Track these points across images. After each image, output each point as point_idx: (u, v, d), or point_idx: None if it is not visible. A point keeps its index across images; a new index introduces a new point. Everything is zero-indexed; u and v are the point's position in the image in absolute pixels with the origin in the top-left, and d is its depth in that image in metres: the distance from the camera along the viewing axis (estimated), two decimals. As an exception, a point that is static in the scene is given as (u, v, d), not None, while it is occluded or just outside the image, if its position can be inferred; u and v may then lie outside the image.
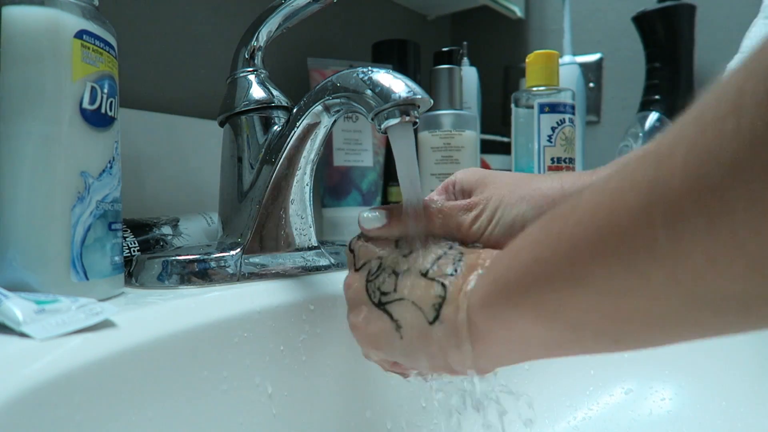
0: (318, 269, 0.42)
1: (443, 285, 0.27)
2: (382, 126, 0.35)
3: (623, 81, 0.90)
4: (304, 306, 0.37)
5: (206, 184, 0.58)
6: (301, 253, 0.41)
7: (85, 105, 0.30)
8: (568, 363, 0.51)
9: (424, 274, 0.28)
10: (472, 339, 0.25)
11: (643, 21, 0.81)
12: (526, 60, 0.63)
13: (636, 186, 0.16)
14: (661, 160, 0.15)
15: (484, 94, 0.84)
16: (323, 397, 0.37)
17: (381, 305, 0.29)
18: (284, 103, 0.41)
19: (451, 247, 0.30)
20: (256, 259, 0.39)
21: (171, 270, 0.37)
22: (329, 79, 0.37)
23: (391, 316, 0.28)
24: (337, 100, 0.37)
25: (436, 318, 0.26)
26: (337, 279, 0.41)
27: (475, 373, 0.26)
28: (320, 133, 0.40)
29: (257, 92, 0.41)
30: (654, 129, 0.78)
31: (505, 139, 0.83)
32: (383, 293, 0.29)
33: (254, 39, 0.41)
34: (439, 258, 0.28)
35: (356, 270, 0.32)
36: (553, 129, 0.61)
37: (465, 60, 0.79)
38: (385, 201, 0.72)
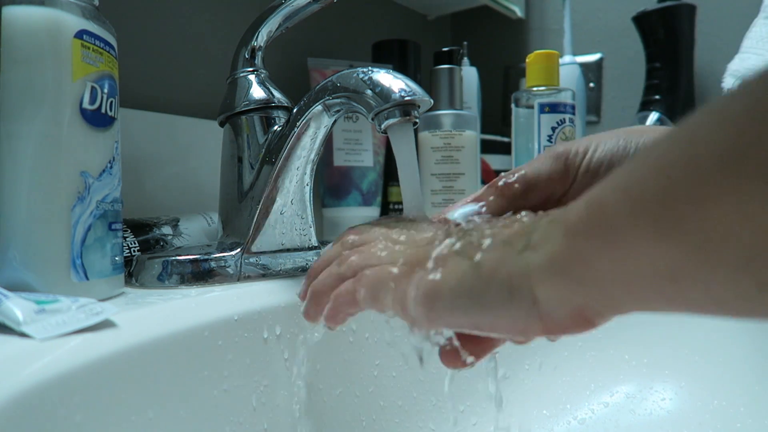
0: (318, 269, 0.42)
1: (537, 216, 0.21)
2: (383, 126, 0.35)
3: (623, 81, 0.90)
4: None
5: (206, 184, 0.58)
6: (301, 253, 0.41)
7: (85, 105, 0.30)
8: (569, 363, 0.51)
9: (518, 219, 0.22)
10: (565, 260, 0.18)
11: (643, 21, 0.81)
12: (526, 60, 0.63)
13: None
14: None
15: (484, 94, 0.84)
16: (324, 397, 0.37)
17: (461, 253, 0.22)
18: (284, 103, 0.41)
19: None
20: (256, 259, 0.39)
21: (171, 270, 0.37)
22: (329, 79, 0.37)
23: (471, 257, 0.22)
24: (338, 100, 0.37)
25: (526, 246, 0.20)
26: (337, 279, 0.41)
27: (558, 318, 0.19)
28: (320, 133, 0.40)
29: (257, 92, 0.41)
30: (654, 129, 0.77)
31: (505, 139, 0.83)
32: (467, 241, 0.22)
33: (254, 39, 0.41)
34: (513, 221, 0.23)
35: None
36: (553, 129, 0.61)
37: (465, 60, 0.79)
38: (385, 201, 0.72)
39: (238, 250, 0.39)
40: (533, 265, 0.19)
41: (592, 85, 0.92)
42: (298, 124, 0.38)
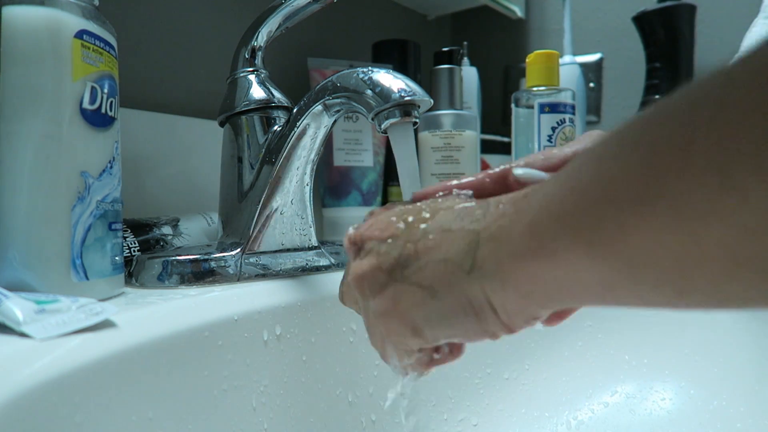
0: (318, 269, 0.42)
1: (472, 230, 0.23)
2: (383, 126, 0.35)
3: (623, 81, 0.90)
4: (304, 306, 0.37)
5: (206, 184, 0.58)
6: (301, 253, 0.41)
7: (85, 105, 0.30)
8: (569, 363, 0.51)
9: (447, 230, 0.24)
10: (516, 279, 0.21)
11: (643, 21, 0.81)
12: (526, 60, 0.63)
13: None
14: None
15: (484, 94, 0.84)
16: (323, 397, 0.37)
17: (405, 279, 0.25)
18: (284, 103, 0.41)
19: (470, 197, 0.26)
20: (256, 259, 0.39)
21: (171, 270, 0.37)
22: (329, 79, 0.37)
23: (420, 284, 0.24)
24: (338, 100, 0.37)
25: (473, 266, 0.22)
26: (338, 279, 0.41)
27: (518, 324, 0.23)
28: (320, 133, 0.40)
29: (257, 92, 0.41)
30: (654, 129, 0.77)
31: (505, 139, 0.83)
32: (404, 266, 0.25)
33: (254, 39, 0.41)
34: (461, 210, 0.25)
35: (360, 259, 0.27)
36: (553, 129, 0.61)
37: (465, 60, 0.79)
38: (385, 201, 0.72)
39: (238, 250, 0.39)
40: (488, 287, 0.22)
41: (592, 85, 0.92)
42: (298, 124, 0.38)
